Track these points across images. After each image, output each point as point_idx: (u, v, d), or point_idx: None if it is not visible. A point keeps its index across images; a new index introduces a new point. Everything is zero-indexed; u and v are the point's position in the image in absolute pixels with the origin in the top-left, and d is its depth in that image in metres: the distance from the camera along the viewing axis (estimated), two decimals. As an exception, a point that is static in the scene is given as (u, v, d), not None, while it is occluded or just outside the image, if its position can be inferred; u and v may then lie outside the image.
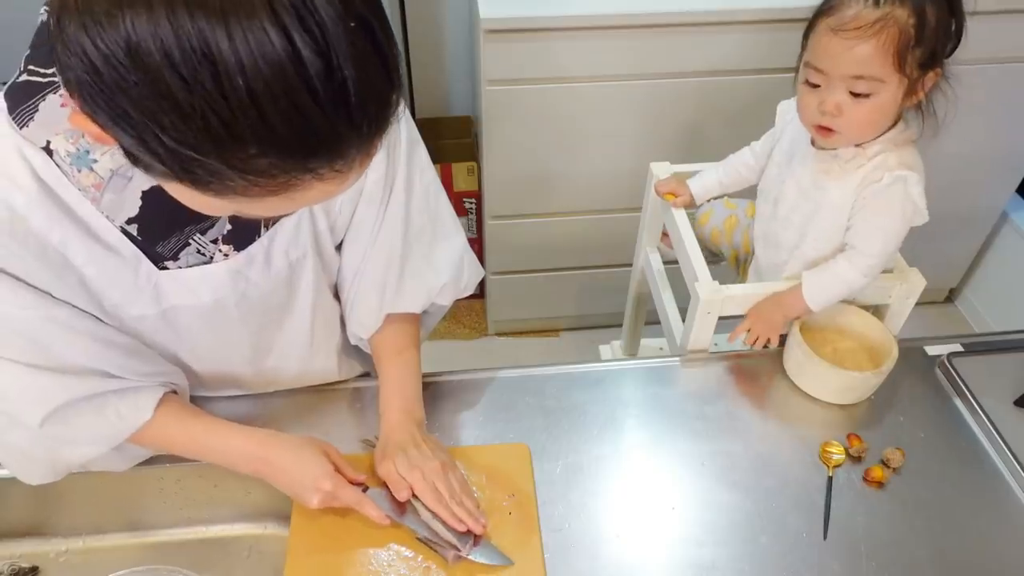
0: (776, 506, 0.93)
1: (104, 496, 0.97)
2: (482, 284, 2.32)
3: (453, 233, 0.97)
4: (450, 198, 2.40)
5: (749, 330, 1.12)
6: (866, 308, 1.11)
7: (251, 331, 0.89)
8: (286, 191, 0.51)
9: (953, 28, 0.95)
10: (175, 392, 0.88)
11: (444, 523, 0.85)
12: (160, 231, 0.74)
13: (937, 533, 0.91)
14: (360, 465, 0.93)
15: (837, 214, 1.06)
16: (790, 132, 1.15)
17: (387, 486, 0.88)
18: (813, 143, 1.07)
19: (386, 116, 0.51)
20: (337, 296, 0.97)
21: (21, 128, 0.65)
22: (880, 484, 0.95)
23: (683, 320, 1.21)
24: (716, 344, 1.15)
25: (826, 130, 1.00)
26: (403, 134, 0.86)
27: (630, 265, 1.62)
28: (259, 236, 0.80)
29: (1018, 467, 0.96)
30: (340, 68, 0.46)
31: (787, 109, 1.18)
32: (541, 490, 0.93)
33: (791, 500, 0.94)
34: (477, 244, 2.28)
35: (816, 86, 0.99)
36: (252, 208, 0.54)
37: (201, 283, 0.79)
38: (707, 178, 1.30)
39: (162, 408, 0.84)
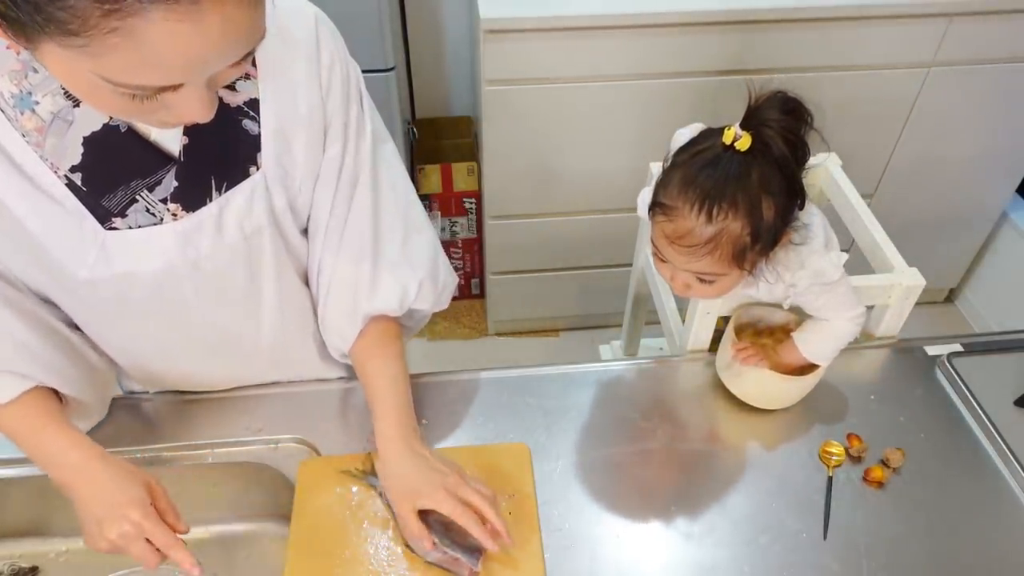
0: (776, 506, 0.93)
1: (104, 496, 0.97)
2: (482, 284, 2.32)
3: (424, 227, 0.94)
4: (450, 198, 2.41)
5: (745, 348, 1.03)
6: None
7: (211, 312, 0.86)
8: (123, 33, 0.48)
9: (797, 195, 0.91)
10: (56, 393, 0.84)
11: (454, 540, 0.84)
12: (105, 183, 0.72)
13: (937, 533, 0.91)
14: (349, 463, 0.93)
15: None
16: None
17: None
18: None
19: None
20: (308, 285, 0.94)
21: None
22: (880, 484, 0.95)
23: (683, 320, 1.21)
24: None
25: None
26: (367, 126, 0.84)
27: (630, 265, 1.61)
28: (210, 199, 0.77)
29: (1018, 467, 0.96)
30: None
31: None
32: (541, 490, 0.93)
33: (791, 500, 0.94)
34: (477, 244, 2.28)
35: (664, 260, 0.97)
36: (109, 66, 0.51)
37: (148, 245, 0.77)
38: None
39: (23, 399, 0.80)
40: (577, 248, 2.07)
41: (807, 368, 1.02)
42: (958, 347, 1.11)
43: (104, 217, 0.74)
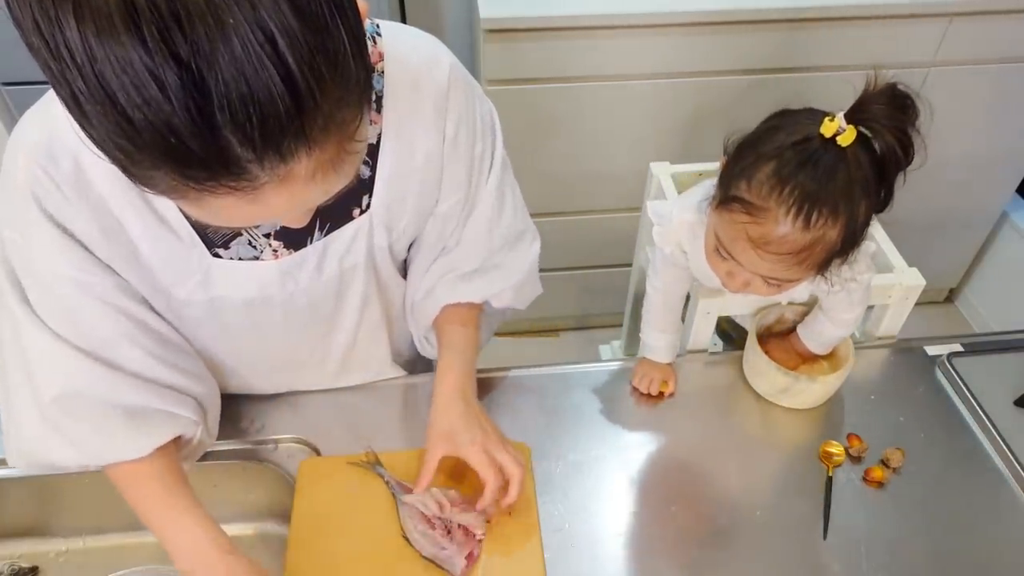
0: (776, 506, 0.93)
1: (104, 496, 0.96)
2: (482, 284, 2.31)
3: (529, 242, 0.97)
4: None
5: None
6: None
7: (293, 334, 0.89)
8: (186, 199, 0.48)
9: (889, 197, 0.84)
10: (180, 438, 0.84)
11: (450, 537, 0.85)
12: None
13: (937, 533, 0.91)
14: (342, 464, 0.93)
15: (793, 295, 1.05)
16: (700, 260, 0.99)
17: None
18: None
19: (277, 138, 0.44)
20: (386, 312, 0.95)
21: None
22: (880, 484, 0.95)
23: (683, 320, 1.21)
24: (716, 344, 1.14)
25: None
26: (493, 159, 0.86)
27: (630, 265, 1.61)
28: (311, 239, 0.79)
29: (1018, 467, 0.96)
30: (204, 82, 0.41)
31: (664, 231, 1.03)
32: (541, 490, 0.93)
33: (791, 500, 0.94)
34: (477, 244, 2.27)
35: (726, 258, 0.90)
36: (189, 209, 0.51)
37: (251, 277, 0.79)
38: (665, 342, 1.08)
39: (153, 457, 0.79)
40: (577, 248, 2.07)
41: (834, 359, 1.05)
42: (958, 347, 1.11)
43: (209, 246, 0.75)
